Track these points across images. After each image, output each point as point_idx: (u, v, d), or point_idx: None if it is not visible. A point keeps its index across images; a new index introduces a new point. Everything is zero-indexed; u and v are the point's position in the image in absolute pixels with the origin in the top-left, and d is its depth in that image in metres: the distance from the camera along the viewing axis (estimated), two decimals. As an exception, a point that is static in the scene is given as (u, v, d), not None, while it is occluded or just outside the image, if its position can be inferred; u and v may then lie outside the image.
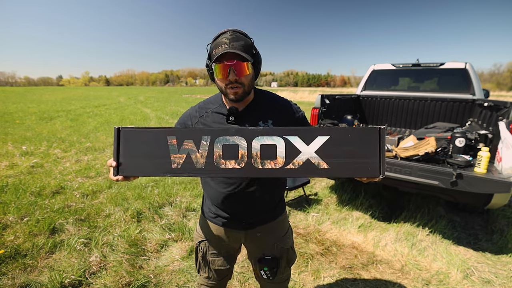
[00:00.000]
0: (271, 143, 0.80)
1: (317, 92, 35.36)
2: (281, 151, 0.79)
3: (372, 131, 0.77)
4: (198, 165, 0.82)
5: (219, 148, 0.81)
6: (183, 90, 48.91)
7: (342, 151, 0.78)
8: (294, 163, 0.79)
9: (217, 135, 0.81)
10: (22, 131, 7.08)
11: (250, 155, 0.80)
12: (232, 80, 0.90)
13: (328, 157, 0.78)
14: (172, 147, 0.83)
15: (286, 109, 1.06)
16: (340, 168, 0.78)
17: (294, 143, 0.79)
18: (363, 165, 0.77)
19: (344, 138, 0.78)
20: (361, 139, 0.77)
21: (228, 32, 0.90)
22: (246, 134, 0.80)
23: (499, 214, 2.99)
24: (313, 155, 0.78)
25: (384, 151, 0.76)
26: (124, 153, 0.86)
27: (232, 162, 0.81)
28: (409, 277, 2.02)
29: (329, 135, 0.78)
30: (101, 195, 3.27)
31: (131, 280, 1.87)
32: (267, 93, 1.11)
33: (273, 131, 0.80)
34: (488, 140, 2.54)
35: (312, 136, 0.79)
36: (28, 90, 40.33)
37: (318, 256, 2.25)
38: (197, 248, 1.18)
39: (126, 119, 9.89)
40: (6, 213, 2.69)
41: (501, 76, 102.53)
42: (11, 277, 1.86)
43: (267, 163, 0.80)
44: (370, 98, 4.30)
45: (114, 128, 0.86)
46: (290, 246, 1.19)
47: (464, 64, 3.78)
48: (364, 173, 0.78)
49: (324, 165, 0.78)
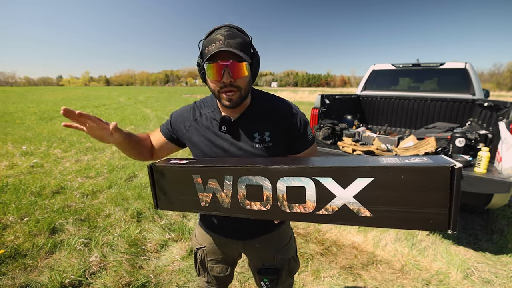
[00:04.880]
0: (299, 184, 0.67)
1: (317, 92, 35.36)
2: (311, 194, 0.66)
3: (440, 171, 0.55)
4: (225, 205, 0.77)
5: (242, 188, 0.74)
6: (183, 90, 48.90)
7: (392, 197, 0.59)
8: (327, 208, 0.66)
9: (239, 175, 0.73)
10: (22, 131, 7.08)
11: (276, 197, 0.70)
12: (226, 83, 0.79)
13: (371, 204, 0.61)
14: (198, 186, 0.80)
15: (287, 119, 0.93)
16: (388, 218, 0.61)
17: (326, 186, 0.65)
18: (422, 216, 0.58)
19: (395, 180, 0.58)
20: (421, 182, 0.56)
21: (224, 28, 0.78)
22: (269, 174, 0.70)
23: (499, 214, 2.99)
24: (351, 201, 0.63)
25: (459, 197, 0.55)
26: (159, 189, 0.86)
27: (257, 203, 0.73)
28: (409, 277, 2.02)
29: (373, 177, 0.60)
30: (101, 195, 3.27)
31: (131, 280, 1.87)
32: (267, 96, 0.97)
33: (301, 171, 0.67)
34: (488, 140, 2.54)
35: (350, 177, 0.62)
36: (28, 90, 40.33)
37: (318, 256, 2.25)
38: (196, 254, 1.14)
39: (126, 119, 9.89)
40: (6, 213, 2.69)
41: (501, 76, 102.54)
42: (11, 277, 1.86)
43: (295, 207, 0.69)
44: (370, 98, 4.30)
45: (147, 166, 0.86)
46: (292, 256, 1.10)
47: (464, 64, 3.78)
48: (424, 226, 0.59)
49: (367, 212, 0.62)
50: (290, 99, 1.36)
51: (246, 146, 0.91)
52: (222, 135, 0.92)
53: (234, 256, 1.14)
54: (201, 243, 1.11)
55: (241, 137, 0.91)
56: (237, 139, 0.91)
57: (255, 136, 0.90)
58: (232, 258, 1.15)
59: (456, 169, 0.54)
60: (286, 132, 0.93)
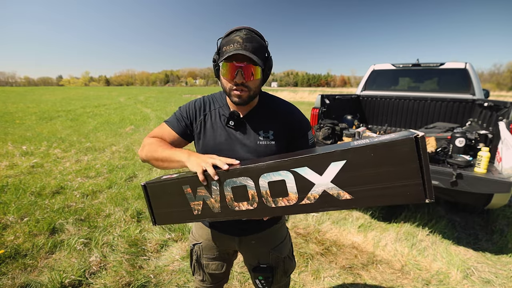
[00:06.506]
0: (278, 178, 0.71)
1: (317, 92, 35.36)
2: (292, 186, 0.70)
3: (405, 143, 0.57)
4: (215, 210, 0.80)
5: (229, 191, 0.77)
6: (183, 90, 48.88)
7: (366, 175, 0.62)
8: (309, 197, 0.69)
9: (224, 178, 0.77)
10: (22, 131, 7.08)
11: (260, 194, 0.74)
12: (238, 83, 0.85)
13: (349, 186, 0.64)
14: (189, 195, 0.83)
15: (291, 122, 0.98)
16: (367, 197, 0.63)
17: (304, 176, 0.68)
18: (399, 190, 0.61)
19: (366, 159, 0.61)
20: (389, 157, 0.59)
21: (243, 30, 0.84)
22: (250, 173, 0.73)
23: (499, 214, 2.99)
24: (329, 186, 0.66)
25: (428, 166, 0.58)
26: (155, 205, 0.90)
27: (244, 203, 0.76)
28: (409, 277, 2.02)
29: (345, 159, 0.63)
30: (101, 195, 3.27)
31: (131, 280, 1.87)
32: (274, 98, 1.03)
33: (278, 165, 0.70)
34: (488, 140, 2.54)
35: (324, 164, 0.65)
36: (28, 90, 40.34)
37: (318, 256, 2.25)
38: (192, 251, 1.15)
39: (126, 119, 9.89)
40: (6, 213, 2.69)
41: (501, 76, 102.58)
42: (11, 277, 1.86)
43: (279, 201, 0.72)
44: (370, 98, 4.30)
45: (141, 184, 0.89)
46: (287, 255, 1.12)
47: (464, 64, 3.78)
48: (402, 199, 0.61)
49: (346, 195, 0.65)
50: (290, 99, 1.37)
51: (250, 142, 0.94)
52: (228, 130, 0.96)
53: (229, 253, 1.15)
54: (197, 239, 1.13)
55: (246, 133, 0.95)
56: (242, 135, 0.95)
57: (260, 133, 0.95)
58: (227, 255, 1.15)
59: (419, 138, 0.56)
60: (289, 134, 0.97)
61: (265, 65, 0.89)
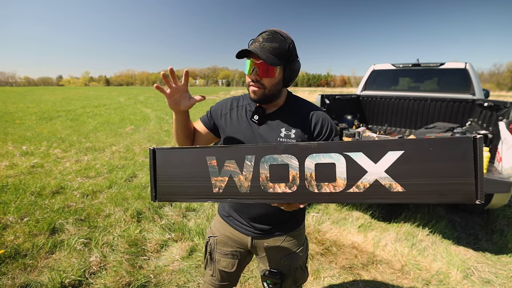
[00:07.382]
0: (329, 161, 0.64)
1: (317, 92, 35.35)
2: (342, 171, 0.64)
3: (464, 142, 0.58)
4: (243, 189, 0.70)
5: (265, 169, 0.68)
6: (183, 90, 48.77)
7: (422, 169, 0.60)
8: (358, 185, 0.63)
9: (262, 154, 0.69)
10: (22, 131, 7.07)
11: (303, 176, 0.66)
12: (252, 79, 0.91)
13: (403, 178, 0.61)
14: (212, 169, 0.72)
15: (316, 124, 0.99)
16: (418, 192, 0.61)
17: (357, 161, 0.63)
18: (451, 187, 0.59)
19: (424, 152, 0.60)
20: (448, 153, 0.59)
21: (267, 32, 0.90)
22: (297, 151, 0.66)
23: (499, 214, 2.99)
24: (383, 175, 0.62)
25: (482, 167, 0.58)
26: (161, 177, 0.77)
27: (281, 185, 0.68)
28: (409, 277, 2.02)
29: (404, 150, 0.61)
30: (101, 195, 3.27)
31: (131, 280, 1.87)
32: (302, 101, 1.06)
33: (332, 146, 0.65)
34: (488, 140, 2.54)
35: (381, 151, 0.62)
36: (28, 90, 40.33)
37: (318, 256, 2.25)
38: (207, 243, 1.17)
39: (126, 119, 9.89)
40: (6, 213, 2.69)
41: (501, 76, 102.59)
42: (11, 277, 1.86)
43: (324, 186, 0.65)
44: (370, 98, 4.30)
45: (149, 149, 0.77)
46: (300, 266, 1.10)
47: (464, 64, 3.78)
48: (453, 198, 0.60)
49: (398, 187, 0.61)
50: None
51: (271, 138, 0.98)
52: (251, 124, 1.01)
53: (243, 253, 1.15)
54: (213, 233, 1.16)
55: (268, 129, 0.99)
56: (264, 130, 0.99)
57: (282, 130, 0.98)
58: (240, 255, 1.15)
59: (478, 139, 0.57)
60: (312, 135, 1.00)
61: (286, 65, 0.92)
